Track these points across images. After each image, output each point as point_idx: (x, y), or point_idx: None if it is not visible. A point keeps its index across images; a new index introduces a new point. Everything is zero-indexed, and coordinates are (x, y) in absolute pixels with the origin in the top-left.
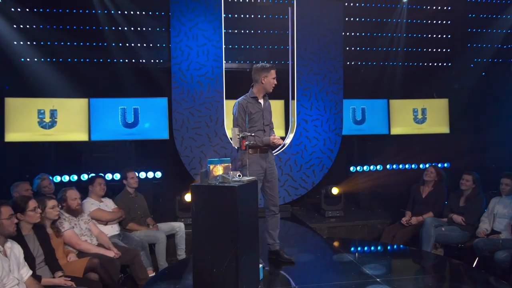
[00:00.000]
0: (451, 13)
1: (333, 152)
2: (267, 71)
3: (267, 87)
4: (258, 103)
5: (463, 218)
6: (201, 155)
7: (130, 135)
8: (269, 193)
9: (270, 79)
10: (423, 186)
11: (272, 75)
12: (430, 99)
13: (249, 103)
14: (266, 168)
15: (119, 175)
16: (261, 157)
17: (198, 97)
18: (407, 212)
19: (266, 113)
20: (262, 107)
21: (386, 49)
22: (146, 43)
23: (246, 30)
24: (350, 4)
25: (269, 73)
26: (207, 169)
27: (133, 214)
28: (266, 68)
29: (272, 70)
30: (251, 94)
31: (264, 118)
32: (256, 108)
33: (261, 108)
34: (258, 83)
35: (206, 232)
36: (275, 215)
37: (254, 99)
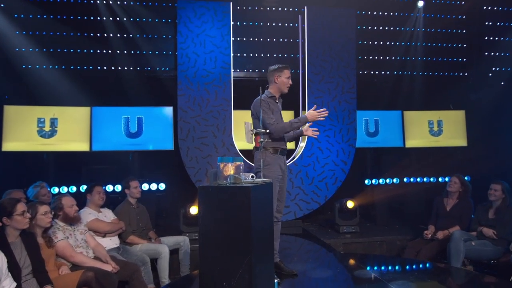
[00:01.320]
0: (466, 22)
1: (347, 164)
2: (280, 71)
3: (281, 87)
4: (276, 103)
5: (494, 231)
6: (207, 166)
7: (133, 146)
8: (278, 198)
9: (284, 78)
10: (446, 198)
11: (285, 75)
12: (446, 111)
13: (271, 103)
14: (284, 171)
15: (120, 187)
16: (281, 159)
17: (205, 106)
18: (430, 226)
19: (281, 114)
20: (279, 107)
21: (400, 58)
22: (152, 51)
23: (255, 38)
24: (362, 12)
25: (282, 72)
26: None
27: (134, 227)
28: (279, 68)
29: (285, 70)
30: (268, 93)
31: (282, 119)
32: (276, 107)
33: (279, 108)
34: (273, 83)
35: (215, 240)
36: (277, 222)
37: (273, 98)
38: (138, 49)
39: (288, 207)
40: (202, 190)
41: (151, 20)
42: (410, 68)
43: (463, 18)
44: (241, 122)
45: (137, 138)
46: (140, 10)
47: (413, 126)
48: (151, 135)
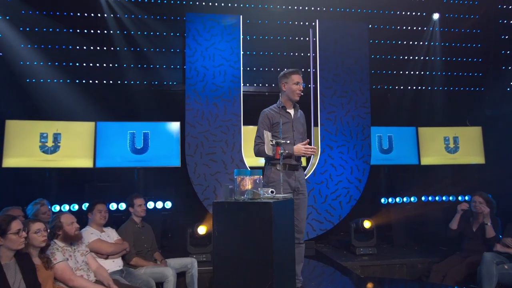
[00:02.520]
0: (481, 36)
1: (361, 182)
2: (286, 77)
3: (290, 95)
4: (287, 113)
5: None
6: (216, 184)
7: (139, 162)
8: (295, 216)
9: (291, 85)
10: (472, 219)
11: (292, 81)
12: (462, 127)
13: (276, 113)
14: (295, 188)
15: (125, 205)
16: (290, 174)
17: (213, 120)
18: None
19: (297, 124)
20: (292, 117)
21: (414, 73)
22: (159, 64)
23: (265, 52)
24: (375, 26)
25: (289, 78)
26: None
27: (139, 247)
28: (286, 74)
29: (292, 75)
30: (279, 103)
31: (295, 129)
32: (285, 119)
33: (290, 118)
34: (282, 91)
35: (231, 263)
36: (299, 244)
37: (283, 108)
38: (145, 63)
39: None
40: (217, 206)
41: (159, 33)
42: (424, 83)
43: (478, 32)
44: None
45: (142, 154)
46: (147, 23)
47: (428, 142)
48: (157, 151)
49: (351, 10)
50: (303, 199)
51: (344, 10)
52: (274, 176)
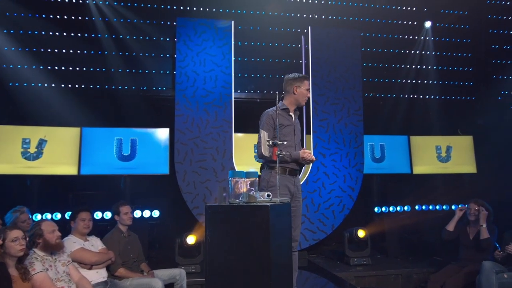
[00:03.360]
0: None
1: (355, 190)
2: (300, 81)
3: (299, 99)
4: (289, 116)
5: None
6: (206, 192)
7: (126, 170)
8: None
9: (304, 90)
10: (469, 227)
11: (305, 86)
12: (454, 136)
13: (279, 114)
14: (293, 194)
15: (110, 214)
16: (290, 179)
17: (204, 127)
18: None
19: (297, 128)
20: (293, 121)
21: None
22: (148, 69)
23: (256, 58)
24: (367, 34)
25: (302, 83)
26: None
27: (125, 258)
28: (299, 78)
29: (305, 81)
30: (282, 105)
31: (295, 133)
32: (287, 121)
33: (292, 122)
34: (290, 94)
35: (224, 271)
36: (293, 253)
37: (285, 110)
38: (134, 68)
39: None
40: (210, 210)
41: (148, 38)
42: (416, 91)
43: (468, 41)
44: (241, 146)
45: (130, 162)
46: (137, 28)
47: (420, 151)
48: (145, 159)
49: (343, 18)
50: (299, 206)
51: (337, 18)
52: (274, 180)
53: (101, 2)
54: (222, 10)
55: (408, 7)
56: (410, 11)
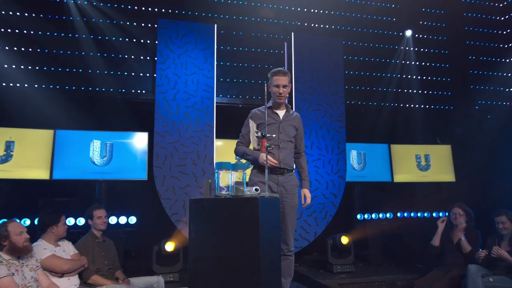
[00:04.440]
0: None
1: (337, 197)
2: (270, 77)
3: (274, 97)
4: (274, 114)
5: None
6: (186, 198)
7: (101, 174)
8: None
9: (272, 87)
10: (452, 231)
11: (274, 82)
12: (433, 145)
13: (262, 113)
14: (278, 193)
15: (84, 220)
16: (271, 178)
17: (184, 131)
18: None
19: (286, 126)
20: (281, 119)
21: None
22: (128, 71)
23: (239, 63)
24: (348, 43)
25: (271, 80)
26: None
27: (99, 264)
28: (270, 74)
29: (274, 76)
30: (269, 103)
31: (282, 131)
32: (271, 119)
33: (278, 119)
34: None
35: (210, 269)
36: (287, 256)
37: (269, 108)
38: (112, 69)
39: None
40: (195, 204)
41: (128, 39)
42: (396, 100)
43: (446, 53)
44: (223, 152)
45: (106, 166)
46: (117, 29)
47: (401, 160)
48: (122, 163)
49: (325, 26)
50: (287, 206)
51: (319, 26)
52: (254, 177)
53: (80, 1)
54: (205, 14)
55: (389, 17)
56: (391, 21)
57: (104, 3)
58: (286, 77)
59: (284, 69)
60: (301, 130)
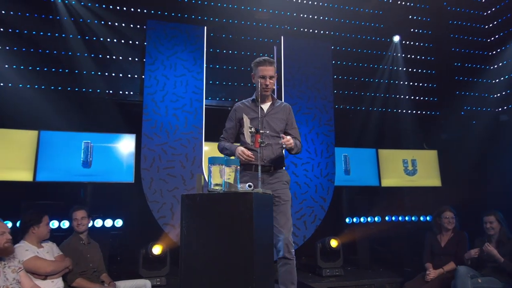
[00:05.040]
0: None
1: (326, 201)
2: (255, 68)
3: (259, 90)
4: (257, 107)
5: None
6: (173, 201)
7: (87, 177)
8: (276, 226)
9: (256, 78)
10: (440, 234)
11: (257, 73)
12: (420, 150)
13: (246, 107)
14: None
15: (68, 223)
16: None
17: (173, 133)
18: (427, 265)
19: (272, 120)
20: (264, 112)
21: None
22: (115, 72)
23: (228, 66)
24: (337, 48)
25: (255, 70)
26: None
27: (83, 267)
28: (254, 63)
29: (258, 67)
30: (252, 96)
31: (266, 126)
32: (254, 113)
33: (262, 113)
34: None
35: (202, 266)
36: (287, 260)
37: (253, 102)
38: (100, 70)
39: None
40: (187, 200)
41: (116, 40)
42: (384, 105)
43: (432, 59)
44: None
45: (91, 168)
46: (105, 30)
47: (388, 164)
48: (108, 165)
49: (315, 31)
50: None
51: (308, 31)
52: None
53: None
54: (194, 17)
55: (377, 23)
56: (379, 28)
57: (92, 3)
58: (273, 67)
59: (270, 58)
60: (292, 120)
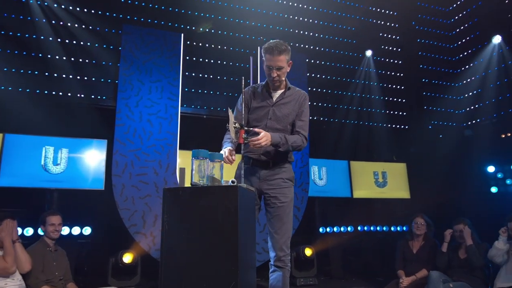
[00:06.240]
0: (405, 78)
1: (300, 210)
2: (263, 54)
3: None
4: (267, 95)
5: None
6: (145, 208)
7: (54, 183)
8: (270, 230)
9: (264, 66)
10: (412, 241)
11: (265, 62)
12: (390, 163)
13: (257, 92)
14: (261, 190)
15: (32, 230)
16: (252, 172)
17: (146, 138)
18: (399, 272)
19: (279, 110)
20: (273, 101)
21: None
22: (88, 76)
23: (204, 74)
24: (311, 61)
25: (264, 57)
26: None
27: (49, 275)
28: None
29: (266, 55)
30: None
31: (271, 117)
32: (262, 102)
33: (270, 102)
34: None
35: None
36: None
37: (265, 88)
38: (71, 73)
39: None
40: (169, 193)
41: (90, 44)
42: (356, 118)
43: (401, 75)
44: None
45: (59, 174)
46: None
47: (360, 176)
48: (77, 171)
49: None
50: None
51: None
52: (237, 170)
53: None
54: (171, 24)
55: (350, 39)
56: (352, 43)
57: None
58: (283, 55)
59: (281, 45)
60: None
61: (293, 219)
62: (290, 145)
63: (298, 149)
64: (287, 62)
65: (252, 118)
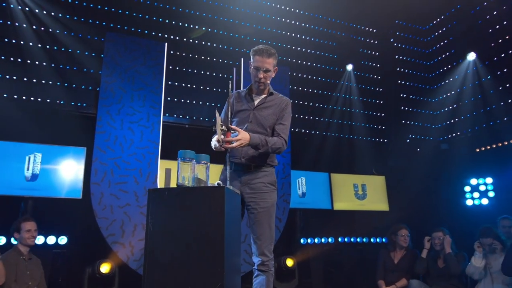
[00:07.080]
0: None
1: (281, 221)
2: (251, 57)
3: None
4: (249, 99)
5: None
6: (124, 218)
7: (29, 191)
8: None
9: (251, 68)
10: (393, 252)
11: (253, 63)
12: (369, 176)
13: (241, 96)
14: (243, 195)
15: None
16: (235, 176)
17: (127, 147)
18: (379, 282)
19: (260, 114)
20: (255, 104)
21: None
22: (68, 83)
23: (187, 84)
24: (294, 74)
25: (252, 58)
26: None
27: (22, 284)
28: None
29: (255, 56)
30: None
31: (253, 120)
32: (244, 105)
33: (251, 105)
34: None
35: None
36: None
37: (248, 92)
38: (51, 79)
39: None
40: (154, 194)
41: (71, 50)
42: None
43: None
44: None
45: (35, 182)
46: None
47: (340, 188)
48: (54, 179)
49: None
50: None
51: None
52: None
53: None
54: (155, 33)
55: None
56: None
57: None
58: (271, 59)
59: (271, 49)
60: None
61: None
62: (270, 147)
63: (277, 152)
64: (273, 67)
65: (235, 121)
